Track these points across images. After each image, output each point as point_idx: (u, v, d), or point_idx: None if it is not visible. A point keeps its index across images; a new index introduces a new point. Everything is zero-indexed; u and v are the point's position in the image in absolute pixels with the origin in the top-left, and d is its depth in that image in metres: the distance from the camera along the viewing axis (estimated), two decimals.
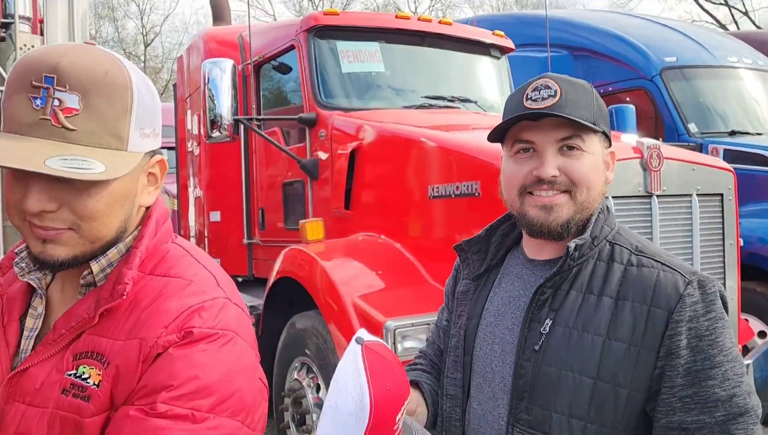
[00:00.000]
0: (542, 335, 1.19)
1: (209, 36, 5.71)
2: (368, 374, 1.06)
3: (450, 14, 34.64)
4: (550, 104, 1.19)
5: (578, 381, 1.15)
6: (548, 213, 1.21)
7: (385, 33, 4.40)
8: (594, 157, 1.23)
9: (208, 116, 4.06)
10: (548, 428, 1.17)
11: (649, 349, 1.13)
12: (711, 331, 1.12)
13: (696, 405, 1.11)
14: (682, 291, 1.14)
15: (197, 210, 6.02)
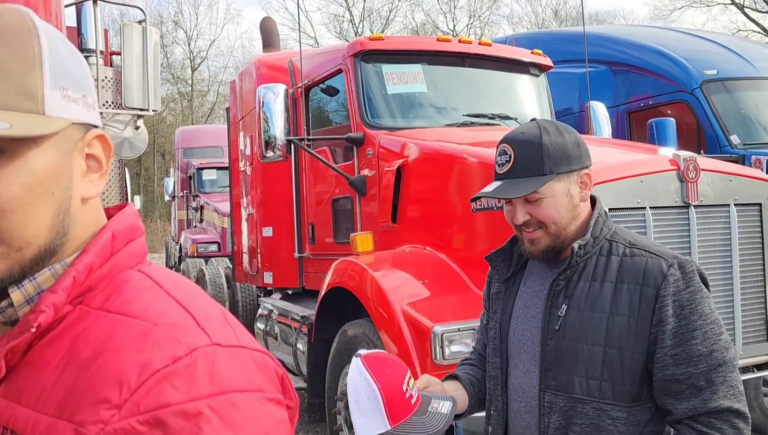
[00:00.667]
0: (560, 318, 1.51)
1: (260, 62, 6.04)
2: (369, 370, 1.44)
3: (488, 31, 34.84)
4: (507, 169, 1.53)
5: (591, 350, 1.46)
6: (531, 245, 1.56)
7: (427, 55, 4.63)
8: (553, 199, 1.52)
9: (263, 137, 4.33)
10: (571, 389, 1.48)
11: (644, 319, 1.43)
12: (691, 302, 1.42)
13: (684, 360, 1.40)
14: (666, 272, 1.44)
15: (250, 227, 6.33)
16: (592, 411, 1.46)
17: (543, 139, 1.53)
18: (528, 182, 1.51)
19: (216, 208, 12.37)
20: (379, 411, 1.41)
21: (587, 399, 1.47)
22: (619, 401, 1.45)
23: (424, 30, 35.66)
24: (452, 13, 35.60)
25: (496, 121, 4.65)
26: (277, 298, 5.96)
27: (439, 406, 1.51)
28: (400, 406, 1.43)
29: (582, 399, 1.47)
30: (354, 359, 1.52)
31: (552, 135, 1.54)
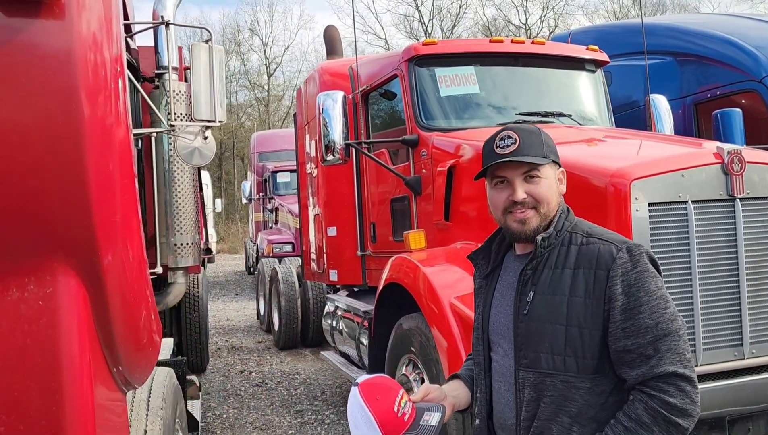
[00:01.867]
0: (528, 303, 1.70)
1: (323, 69, 6.33)
2: (363, 398, 1.64)
3: (563, 23, 34.04)
4: (513, 149, 1.70)
5: (555, 329, 1.64)
6: (523, 225, 1.72)
7: (479, 57, 4.74)
8: (548, 181, 1.73)
9: (323, 142, 4.59)
10: (539, 365, 1.66)
11: (597, 299, 1.62)
12: (638, 280, 1.59)
13: (633, 332, 1.57)
14: (615, 255, 1.62)
15: (316, 227, 6.63)
16: (559, 383, 1.63)
17: (541, 132, 1.78)
18: (536, 158, 1.70)
19: (290, 210, 12.85)
20: (376, 432, 1.62)
21: (554, 373, 1.64)
22: (582, 373, 1.62)
23: (496, 25, 35.30)
24: (524, 7, 35.06)
25: (550, 119, 4.71)
26: (342, 295, 6.23)
27: (429, 418, 1.69)
28: (394, 425, 1.63)
29: (550, 373, 1.64)
30: (352, 389, 1.71)
31: (543, 132, 1.78)
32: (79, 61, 1.39)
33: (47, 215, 1.37)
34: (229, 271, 20.88)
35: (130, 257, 1.56)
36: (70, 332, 1.39)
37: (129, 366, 1.73)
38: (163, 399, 2.64)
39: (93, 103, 1.41)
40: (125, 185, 1.52)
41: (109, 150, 1.46)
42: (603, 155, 3.60)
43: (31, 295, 1.35)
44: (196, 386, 4.50)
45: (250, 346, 9.33)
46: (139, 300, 1.70)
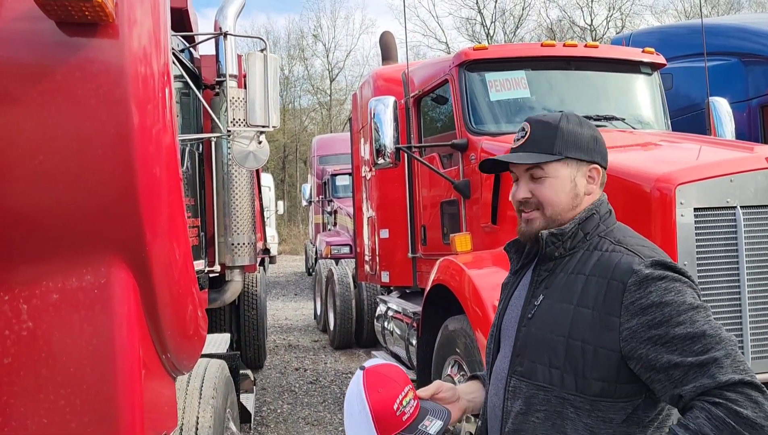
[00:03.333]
0: (535, 306, 1.54)
1: (377, 74, 6.46)
2: (365, 386, 1.55)
3: (630, 23, 33.12)
4: (520, 144, 1.58)
5: (555, 340, 1.47)
6: (527, 225, 1.60)
7: (530, 61, 4.75)
8: (557, 181, 1.55)
9: (374, 146, 4.70)
10: (535, 377, 1.49)
11: (609, 313, 1.40)
12: (669, 290, 1.37)
13: (677, 345, 1.33)
14: (635, 268, 1.41)
15: (370, 229, 6.75)
16: (554, 399, 1.46)
17: (561, 123, 1.58)
18: (535, 156, 1.55)
19: (348, 212, 13.06)
20: (369, 425, 1.53)
21: (549, 387, 1.46)
22: (582, 393, 1.42)
23: (560, 27, 34.70)
24: (589, 7, 34.29)
25: (602, 123, 4.67)
26: (394, 297, 6.33)
27: (429, 424, 1.58)
28: (389, 423, 1.53)
29: (544, 387, 1.47)
30: (357, 371, 1.62)
31: (571, 123, 1.59)
32: (130, 76, 1.57)
33: (102, 214, 1.56)
34: (289, 271, 21.35)
35: (176, 254, 1.72)
36: (121, 318, 1.56)
37: (176, 353, 1.88)
38: (215, 389, 2.80)
39: (142, 113, 1.57)
40: (171, 187, 1.67)
41: (157, 155, 1.62)
42: (650, 159, 3.57)
43: (88, 285, 1.53)
44: (250, 380, 4.69)
45: (306, 345, 9.55)
46: (185, 293, 1.84)
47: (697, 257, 2.87)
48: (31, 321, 1.46)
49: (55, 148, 1.51)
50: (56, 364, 1.47)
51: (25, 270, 1.48)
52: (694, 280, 1.45)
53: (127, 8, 1.63)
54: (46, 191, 1.51)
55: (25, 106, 1.51)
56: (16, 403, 1.43)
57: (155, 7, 1.72)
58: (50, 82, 1.53)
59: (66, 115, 1.53)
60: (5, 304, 1.48)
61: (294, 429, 5.68)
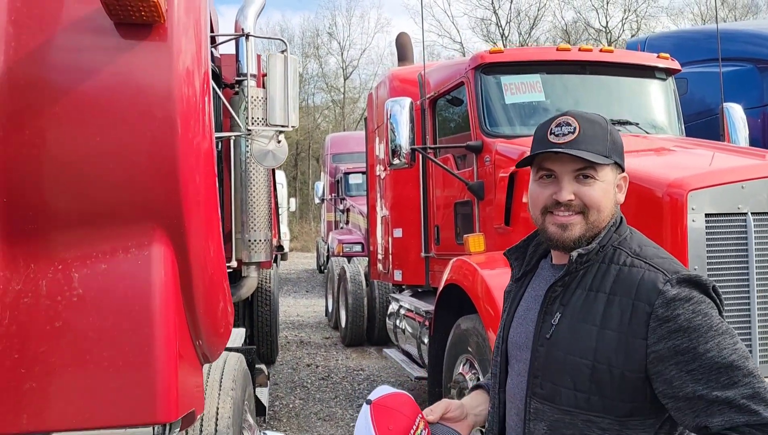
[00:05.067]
0: (552, 326, 1.45)
1: (394, 75, 6.53)
2: (374, 424, 1.48)
3: (645, 26, 32.95)
4: (569, 140, 1.43)
5: (580, 363, 1.39)
6: (563, 230, 1.46)
7: (546, 65, 4.80)
8: (605, 185, 1.46)
9: (390, 146, 4.78)
10: (559, 400, 1.42)
11: (635, 335, 1.35)
12: (696, 314, 1.32)
13: (702, 375, 1.30)
14: (661, 288, 1.35)
15: (383, 228, 6.83)
16: (581, 423, 1.40)
17: (609, 126, 1.49)
18: (594, 156, 1.42)
19: (360, 211, 13.15)
20: None
21: (574, 411, 1.40)
22: (609, 414, 1.38)
23: (575, 28, 34.58)
24: (605, 9, 34.14)
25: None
26: (406, 295, 6.40)
27: None
28: None
29: (570, 411, 1.41)
30: (364, 406, 1.54)
31: (613, 127, 1.50)
32: (177, 80, 1.74)
33: (147, 195, 1.74)
34: (301, 268, 21.48)
35: (210, 242, 1.88)
36: (161, 287, 1.71)
37: (207, 339, 1.98)
38: (234, 381, 2.89)
39: (186, 114, 1.76)
40: (208, 184, 1.84)
41: (197, 145, 1.80)
42: (663, 165, 3.61)
43: (133, 256, 1.70)
44: (264, 375, 4.78)
45: (317, 342, 9.65)
46: (218, 281, 1.98)
47: (707, 262, 2.92)
48: (81, 288, 1.63)
49: (110, 135, 1.72)
50: (101, 328, 1.62)
51: (78, 243, 1.67)
52: (719, 292, 1.40)
53: (176, 10, 1.82)
54: (99, 173, 1.72)
55: (86, 97, 1.73)
56: (63, 364, 1.57)
57: (198, 10, 1.89)
58: (109, 79, 1.76)
59: (122, 105, 1.74)
60: (59, 273, 1.65)
61: (306, 424, 5.77)
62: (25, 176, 1.67)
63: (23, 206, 1.66)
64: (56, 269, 1.65)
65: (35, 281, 1.61)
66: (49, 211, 1.68)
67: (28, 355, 1.53)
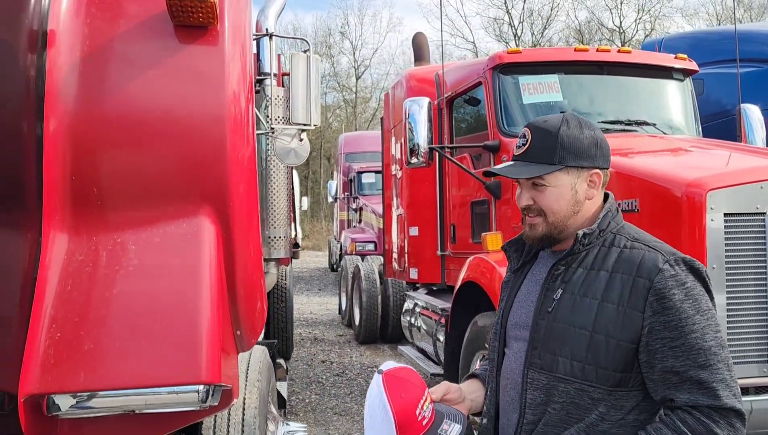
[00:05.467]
0: (554, 300, 1.58)
1: (410, 75, 6.59)
2: (387, 391, 1.54)
3: (659, 26, 32.78)
4: (521, 152, 1.63)
5: (579, 333, 1.52)
6: (531, 229, 1.65)
7: (564, 65, 4.84)
8: (557, 189, 1.60)
9: (408, 145, 4.84)
10: (555, 368, 1.55)
11: (633, 308, 1.49)
12: (689, 297, 1.46)
13: (682, 353, 1.44)
14: (661, 266, 1.49)
15: (399, 226, 6.89)
16: (573, 390, 1.52)
17: (561, 131, 1.59)
18: (536, 167, 1.59)
19: (373, 210, 13.22)
20: (391, 430, 1.52)
21: (569, 379, 1.52)
22: (600, 384, 1.50)
23: (589, 28, 34.46)
24: (618, 9, 34.00)
25: (633, 128, 4.75)
26: (421, 293, 6.46)
27: (448, 428, 1.59)
28: (411, 428, 1.53)
29: (564, 379, 1.53)
30: (375, 375, 1.61)
31: (572, 128, 1.60)
32: (227, 83, 1.95)
33: (200, 182, 1.93)
34: (312, 267, 21.58)
35: (250, 233, 2.04)
36: (208, 259, 1.86)
37: (245, 328, 2.07)
38: (259, 372, 2.97)
39: (234, 106, 1.96)
40: (251, 175, 2.06)
41: (242, 135, 2.00)
42: (681, 165, 3.65)
43: (183, 231, 1.86)
44: (283, 369, 4.86)
45: (331, 339, 9.73)
46: (255, 267, 2.12)
47: (725, 262, 2.96)
48: (137, 259, 1.79)
49: (167, 124, 1.93)
50: (154, 296, 1.76)
51: (135, 220, 1.84)
52: (709, 277, 1.54)
53: (227, 12, 2.04)
54: (157, 158, 1.92)
55: (149, 88, 1.96)
56: (118, 327, 1.70)
57: (244, 11, 2.09)
58: (169, 78, 1.98)
59: (179, 105, 1.96)
60: (117, 245, 1.81)
61: (322, 418, 5.85)
62: (92, 160, 1.86)
63: (89, 186, 1.85)
64: (115, 242, 1.82)
65: (96, 253, 1.78)
66: (111, 192, 1.87)
67: (88, 319, 1.68)
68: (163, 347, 1.70)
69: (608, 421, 1.51)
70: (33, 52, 1.78)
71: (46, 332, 1.66)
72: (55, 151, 1.81)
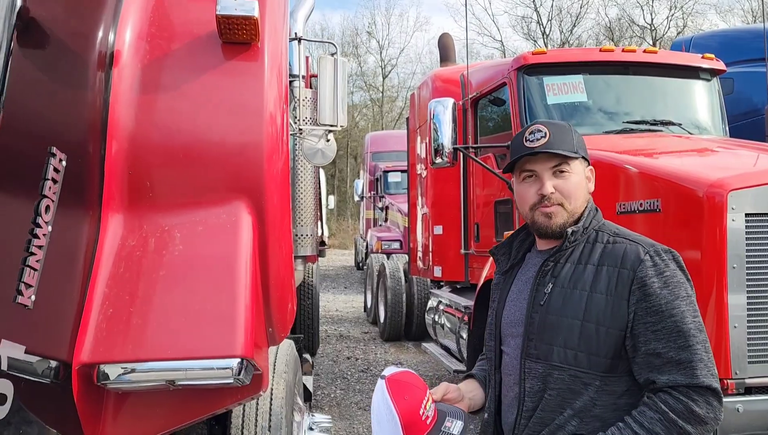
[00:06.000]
0: (546, 294, 1.68)
1: (436, 76, 6.66)
2: (391, 395, 1.63)
3: (692, 23, 32.25)
4: (543, 143, 1.68)
5: (571, 323, 1.63)
6: (549, 219, 1.70)
7: (589, 66, 4.87)
8: (578, 177, 1.72)
9: (433, 145, 4.91)
10: (551, 357, 1.65)
11: (620, 297, 1.60)
12: (669, 284, 1.58)
13: (664, 335, 1.55)
14: (642, 257, 1.61)
15: (424, 225, 6.97)
16: (567, 377, 1.62)
17: (571, 127, 1.77)
18: (566, 152, 1.68)
19: (399, 209, 13.31)
20: (398, 431, 1.60)
21: (564, 366, 1.62)
22: (593, 370, 1.60)
23: (619, 26, 34.07)
24: (650, 6, 33.53)
25: (658, 128, 4.75)
26: (445, 291, 6.53)
27: (451, 425, 1.67)
28: (416, 428, 1.61)
29: (559, 366, 1.63)
30: (379, 381, 1.69)
31: (574, 129, 1.77)
32: (266, 95, 2.21)
33: (240, 180, 2.15)
34: (338, 265, 21.75)
35: (282, 235, 2.21)
36: (245, 249, 2.05)
37: (276, 321, 2.19)
38: (287, 364, 3.08)
39: (273, 121, 2.21)
40: (284, 175, 2.30)
41: (279, 144, 2.24)
42: (704, 165, 3.66)
43: (221, 219, 2.07)
44: (309, 364, 4.98)
45: (356, 336, 9.85)
46: (286, 262, 2.29)
47: (746, 262, 2.98)
48: (182, 245, 2.01)
49: (214, 132, 2.19)
50: (196, 278, 1.97)
51: (181, 211, 2.08)
52: (687, 271, 1.65)
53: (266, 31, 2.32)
54: (201, 156, 2.18)
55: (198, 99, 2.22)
56: (163, 305, 1.91)
57: (281, 30, 2.36)
58: (216, 90, 2.25)
59: (225, 106, 2.22)
60: (165, 233, 2.04)
61: (347, 413, 5.96)
62: (147, 160, 2.11)
63: (143, 181, 2.09)
64: (163, 230, 2.04)
65: (146, 239, 2.00)
66: (161, 187, 2.11)
67: (136, 298, 1.88)
68: (203, 324, 1.88)
69: (601, 406, 1.61)
70: (102, 69, 2.05)
71: (99, 308, 1.86)
72: (116, 150, 2.08)
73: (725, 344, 2.96)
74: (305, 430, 3.41)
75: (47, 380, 1.72)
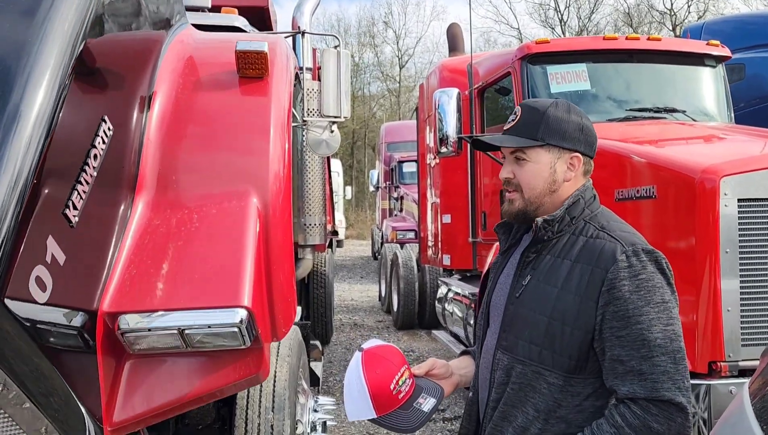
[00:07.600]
0: (522, 286, 1.64)
1: (444, 66, 6.72)
2: (363, 367, 1.66)
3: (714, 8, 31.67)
4: (511, 126, 1.67)
5: (538, 319, 1.58)
6: (509, 205, 1.70)
7: (592, 54, 4.90)
8: (536, 165, 1.64)
9: (438, 135, 4.99)
10: (516, 351, 1.61)
11: (589, 298, 1.52)
12: (640, 288, 1.48)
13: (628, 343, 1.46)
14: (617, 257, 1.51)
15: (433, 214, 7.05)
16: (530, 373, 1.58)
17: (548, 111, 1.64)
18: (520, 140, 1.63)
19: (414, 199, 13.32)
20: (367, 402, 1.64)
21: (527, 361, 1.58)
22: (556, 369, 1.55)
23: (638, 11, 33.62)
24: None
25: (662, 115, 4.77)
26: (455, 279, 6.62)
27: (424, 401, 1.69)
28: (385, 401, 1.65)
29: (522, 361, 1.59)
30: (356, 353, 1.73)
31: (560, 111, 1.64)
32: (275, 125, 2.66)
33: (249, 175, 2.52)
34: (356, 255, 21.91)
35: (281, 227, 2.49)
36: (251, 223, 2.35)
37: (278, 311, 2.33)
38: (290, 349, 3.20)
39: (277, 136, 2.65)
40: (286, 173, 2.63)
41: (283, 147, 2.63)
42: (698, 152, 3.70)
43: (232, 206, 2.41)
44: (318, 350, 5.10)
45: (370, 325, 9.98)
46: (287, 247, 2.59)
47: (739, 246, 3.02)
48: (198, 223, 2.36)
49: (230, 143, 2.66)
50: (210, 246, 2.31)
51: (199, 195, 2.46)
52: (669, 267, 1.55)
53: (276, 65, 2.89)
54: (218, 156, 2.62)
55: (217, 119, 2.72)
56: (181, 267, 2.23)
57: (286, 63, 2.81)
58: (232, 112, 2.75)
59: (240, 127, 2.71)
60: (185, 215, 2.39)
61: None
62: (174, 162, 2.54)
63: (170, 176, 2.51)
64: (183, 212, 2.41)
65: (169, 219, 2.38)
66: (185, 179, 2.52)
67: (156, 261, 2.24)
68: (214, 281, 2.20)
69: (565, 407, 1.55)
70: (142, 111, 2.49)
71: (124, 269, 2.20)
72: (149, 158, 2.53)
73: (719, 328, 3.02)
74: (310, 411, 3.53)
75: (74, 331, 1.98)
